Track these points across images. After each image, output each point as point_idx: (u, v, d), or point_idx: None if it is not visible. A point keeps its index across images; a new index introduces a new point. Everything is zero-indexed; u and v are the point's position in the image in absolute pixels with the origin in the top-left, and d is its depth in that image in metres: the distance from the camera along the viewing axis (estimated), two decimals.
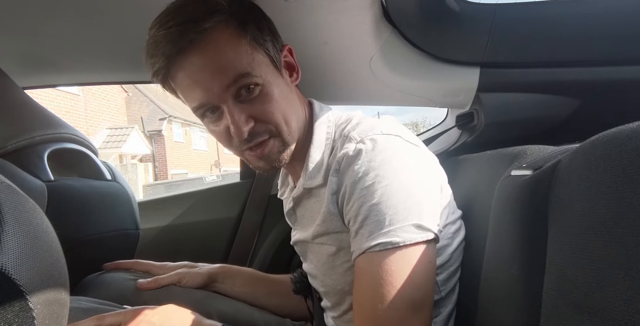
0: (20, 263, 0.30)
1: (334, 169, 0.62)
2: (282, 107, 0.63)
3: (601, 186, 0.32)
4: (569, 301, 0.34)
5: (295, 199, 0.74)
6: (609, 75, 0.93)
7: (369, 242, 0.55)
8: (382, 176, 0.55)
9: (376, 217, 0.55)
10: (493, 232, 0.55)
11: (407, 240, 0.53)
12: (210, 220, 1.34)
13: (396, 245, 0.53)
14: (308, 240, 0.72)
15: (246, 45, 0.59)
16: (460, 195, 0.77)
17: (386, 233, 0.54)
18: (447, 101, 1.06)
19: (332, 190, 0.62)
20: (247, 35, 0.60)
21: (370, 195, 0.55)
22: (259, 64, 0.60)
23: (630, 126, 0.32)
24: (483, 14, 0.91)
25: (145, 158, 14.14)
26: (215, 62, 0.58)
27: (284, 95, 0.63)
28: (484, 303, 0.55)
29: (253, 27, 0.61)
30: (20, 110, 0.80)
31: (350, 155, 0.59)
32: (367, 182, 0.56)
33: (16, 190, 0.35)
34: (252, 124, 0.61)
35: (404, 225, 0.54)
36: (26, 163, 0.74)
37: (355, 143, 0.59)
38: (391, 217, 0.54)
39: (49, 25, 0.79)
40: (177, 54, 0.57)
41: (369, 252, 0.55)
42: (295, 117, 0.66)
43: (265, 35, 0.62)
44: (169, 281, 0.82)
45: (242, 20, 0.60)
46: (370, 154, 0.57)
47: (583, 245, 0.33)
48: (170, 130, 15.44)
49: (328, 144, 0.67)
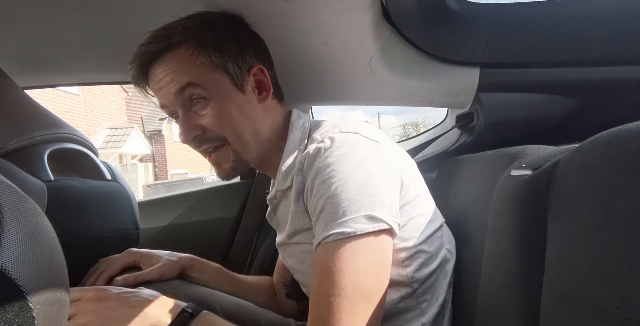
0: (20, 263, 0.30)
1: (297, 169, 0.66)
2: (232, 121, 0.70)
3: (601, 186, 0.32)
4: (568, 300, 0.34)
5: (272, 202, 0.79)
6: (609, 75, 0.93)
7: (324, 232, 0.57)
8: (337, 170, 0.59)
9: (331, 209, 0.57)
10: (492, 231, 0.55)
11: (358, 231, 0.55)
12: (210, 220, 1.34)
13: (348, 235, 0.55)
14: (285, 242, 0.75)
15: (200, 64, 0.69)
16: (460, 194, 0.77)
17: (339, 223, 0.56)
18: (447, 101, 1.06)
19: (297, 189, 0.66)
20: (204, 55, 0.69)
21: (327, 188, 0.58)
22: (212, 80, 0.70)
23: (630, 126, 0.32)
24: (483, 14, 0.92)
25: (145, 158, 14.14)
26: (171, 72, 0.69)
27: (239, 111, 0.71)
28: (483, 302, 0.55)
29: (211, 49, 0.70)
30: (20, 110, 0.80)
31: (311, 154, 0.63)
32: (324, 176, 0.59)
33: (16, 190, 0.35)
34: (197, 132, 0.71)
35: (356, 216, 0.56)
36: (26, 163, 0.73)
37: (316, 143, 0.64)
38: (344, 208, 0.57)
39: (49, 25, 0.79)
40: (148, 65, 0.71)
41: (324, 243, 0.57)
42: (249, 130, 0.72)
43: (225, 56, 0.71)
44: (149, 277, 0.83)
45: (202, 43, 0.70)
46: (327, 151, 0.61)
47: (582, 244, 0.33)
48: (170, 130, 15.43)
49: (301, 149, 0.72)
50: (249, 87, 0.73)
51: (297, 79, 1.00)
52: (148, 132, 14.72)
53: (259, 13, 0.74)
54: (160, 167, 14.78)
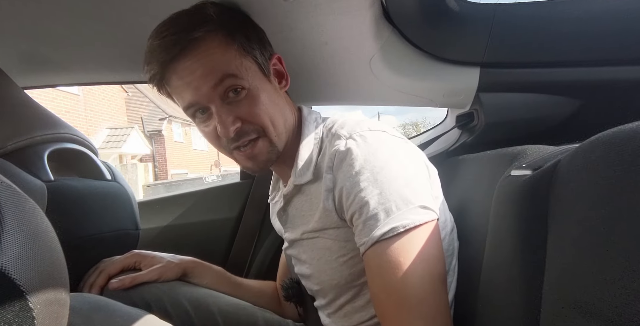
0: (20, 263, 0.30)
1: (327, 166, 0.64)
2: (269, 110, 0.67)
3: (601, 186, 0.32)
4: (568, 301, 0.34)
5: (286, 197, 0.76)
6: (609, 75, 0.93)
7: (379, 230, 0.57)
8: (378, 167, 0.59)
9: (383, 206, 0.57)
10: (493, 231, 0.55)
11: (416, 221, 0.56)
12: (210, 220, 1.33)
13: (407, 227, 0.56)
14: (299, 238, 0.74)
15: (234, 52, 0.65)
16: (460, 194, 0.77)
17: (395, 218, 0.56)
18: (447, 101, 1.06)
19: (327, 187, 0.64)
20: (235, 43, 0.65)
21: (372, 186, 0.58)
22: (246, 69, 0.65)
23: (630, 126, 0.32)
24: (483, 14, 0.92)
25: (145, 158, 14.14)
26: (204, 64, 0.63)
27: (271, 100, 0.68)
28: (484, 303, 0.55)
29: (241, 36, 0.66)
30: (20, 110, 0.80)
31: (342, 151, 0.62)
32: (365, 174, 0.59)
33: (16, 190, 0.35)
34: (238, 124, 0.66)
35: (410, 207, 0.57)
36: (26, 163, 0.73)
37: (345, 140, 0.63)
38: (396, 202, 0.57)
39: (49, 25, 0.79)
40: (170, 61, 0.63)
41: (383, 240, 0.57)
42: (282, 120, 0.70)
43: (253, 44, 0.67)
44: (147, 278, 0.83)
45: (230, 30, 0.65)
46: (361, 148, 0.60)
47: (583, 244, 0.33)
48: (170, 130, 15.44)
49: (316, 143, 0.70)
50: (272, 76, 0.71)
51: (297, 79, 1.00)
52: (148, 132, 14.72)
53: (259, 13, 0.74)
54: (160, 167, 14.78)
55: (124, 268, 0.86)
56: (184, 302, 0.81)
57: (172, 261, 0.88)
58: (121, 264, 0.85)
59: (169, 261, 0.88)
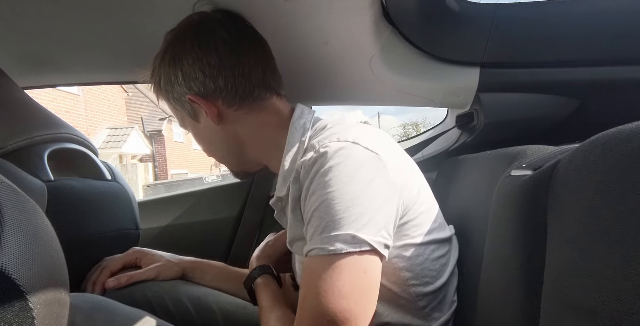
0: (20, 263, 0.30)
1: (294, 177, 0.63)
2: (208, 147, 0.77)
3: (601, 186, 0.32)
4: (568, 301, 0.34)
5: (277, 205, 0.75)
6: (609, 75, 0.93)
7: (308, 245, 0.56)
8: (328, 183, 0.55)
9: (316, 222, 0.55)
10: (492, 231, 0.55)
11: (338, 250, 0.53)
12: (210, 220, 1.34)
13: (328, 253, 0.53)
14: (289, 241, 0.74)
15: (164, 100, 0.75)
16: (460, 195, 0.77)
17: (322, 239, 0.54)
18: (447, 101, 1.06)
19: (294, 197, 0.63)
20: (160, 92, 0.74)
21: (315, 200, 0.56)
22: (180, 117, 0.76)
23: (630, 126, 0.32)
24: (483, 14, 0.92)
25: (145, 158, 14.14)
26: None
27: (204, 138, 0.76)
28: (483, 303, 0.55)
29: (158, 87, 0.74)
30: (20, 110, 0.80)
31: (307, 163, 0.59)
32: (316, 188, 0.56)
33: (16, 190, 0.35)
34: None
35: (339, 233, 0.53)
36: (26, 163, 0.73)
37: (313, 152, 0.60)
38: (328, 224, 0.54)
39: (49, 25, 0.79)
40: None
41: (308, 255, 0.56)
42: (224, 153, 0.78)
43: (164, 93, 0.73)
44: (144, 277, 0.83)
45: (156, 79, 0.73)
46: (321, 161, 0.57)
47: (582, 244, 0.33)
48: (170, 130, 15.42)
49: (299, 152, 0.67)
50: (200, 116, 0.72)
51: (297, 79, 1.00)
52: (148, 132, 14.71)
53: (259, 12, 0.74)
54: (160, 167, 14.78)
55: (125, 265, 0.87)
56: (184, 300, 0.82)
57: (172, 261, 0.88)
58: (122, 261, 0.87)
59: (168, 260, 0.88)
